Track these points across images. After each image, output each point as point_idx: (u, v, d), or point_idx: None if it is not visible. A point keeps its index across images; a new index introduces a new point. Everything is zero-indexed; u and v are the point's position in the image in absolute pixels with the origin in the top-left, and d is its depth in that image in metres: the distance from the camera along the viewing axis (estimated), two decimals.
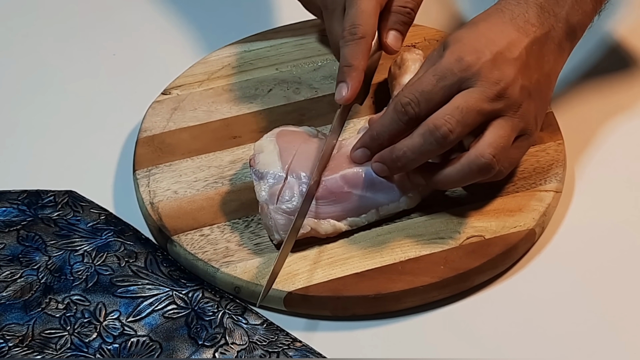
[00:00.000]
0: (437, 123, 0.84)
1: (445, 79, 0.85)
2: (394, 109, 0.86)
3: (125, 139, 0.99)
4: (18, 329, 0.84)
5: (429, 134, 0.84)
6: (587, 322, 0.85)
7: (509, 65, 0.85)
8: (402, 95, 0.86)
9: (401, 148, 0.85)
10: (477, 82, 0.85)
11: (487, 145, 0.84)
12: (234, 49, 1.05)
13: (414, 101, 0.85)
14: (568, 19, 0.89)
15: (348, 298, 0.84)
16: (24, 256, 0.89)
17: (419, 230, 0.88)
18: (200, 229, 0.89)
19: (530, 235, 0.88)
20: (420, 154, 0.85)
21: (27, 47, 1.10)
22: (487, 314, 0.85)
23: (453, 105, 0.84)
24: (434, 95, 0.85)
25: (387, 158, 0.86)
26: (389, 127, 0.86)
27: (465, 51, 0.85)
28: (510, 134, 0.85)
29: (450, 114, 0.84)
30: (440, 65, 0.85)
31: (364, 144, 0.88)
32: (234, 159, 0.94)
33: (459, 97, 0.84)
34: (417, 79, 0.86)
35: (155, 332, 0.84)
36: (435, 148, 0.84)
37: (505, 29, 0.87)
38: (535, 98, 0.87)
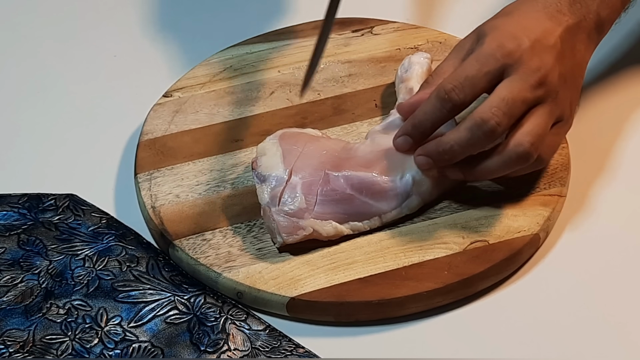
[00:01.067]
0: (485, 116, 0.83)
1: (488, 65, 0.85)
2: (437, 96, 0.85)
3: (126, 142, 0.99)
4: (19, 335, 0.83)
5: (476, 127, 0.84)
6: (591, 327, 0.84)
7: (547, 52, 0.86)
8: (445, 82, 0.85)
9: (447, 142, 0.85)
10: (519, 70, 0.85)
11: (525, 134, 0.84)
12: (236, 51, 1.04)
13: (458, 87, 0.85)
14: (598, 12, 0.90)
15: (351, 304, 0.83)
16: (24, 260, 0.88)
17: (423, 235, 0.87)
18: (202, 234, 0.88)
19: (534, 240, 0.87)
20: (467, 148, 0.85)
21: (26, 49, 1.09)
22: (492, 320, 0.85)
23: (499, 97, 0.84)
24: (477, 81, 0.85)
25: (433, 152, 0.86)
26: (431, 115, 0.86)
27: (505, 38, 0.86)
28: (547, 121, 0.86)
29: (496, 106, 0.84)
30: (482, 52, 0.86)
31: (405, 131, 0.88)
32: (236, 163, 0.94)
33: (503, 88, 0.85)
34: (460, 66, 0.86)
35: (157, 337, 0.83)
36: (483, 141, 0.84)
37: (539, 17, 0.88)
38: (570, 85, 0.88)
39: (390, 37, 1.05)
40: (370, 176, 0.87)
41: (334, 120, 0.97)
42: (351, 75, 1.02)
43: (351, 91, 1.00)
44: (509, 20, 0.88)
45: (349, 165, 0.88)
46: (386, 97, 0.99)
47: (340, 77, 1.02)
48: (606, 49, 1.06)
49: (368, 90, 1.00)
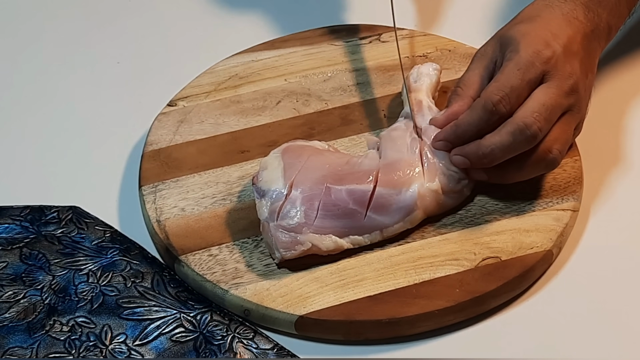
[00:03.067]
0: (527, 121, 0.84)
1: (530, 74, 0.86)
2: (483, 108, 0.86)
3: (130, 153, 0.97)
4: (22, 353, 0.82)
5: (519, 132, 0.84)
6: (606, 346, 0.83)
7: (575, 59, 0.88)
8: (491, 94, 0.86)
9: (488, 145, 0.85)
10: (555, 76, 0.86)
11: (554, 141, 0.86)
12: (241, 58, 1.03)
13: (505, 99, 0.85)
14: (608, 20, 0.92)
15: (361, 322, 0.82)
16: (27, 275, 0.87)
17: (433, 250, 0.86)
18: (208, 249, 0.86)
19: (547, 256, 0.86)
20: (508, 152, 0.85)
21: (28, 57, 1.08)
22: (504, 338, 0.83)
23: (539, 103, 0.85)
24: (521, 90, 0.86)
25: (473, 154, 0.86)
26: (477, 125, 0.87)
27: (539, 44, 0.87)
28: (572, 129, 0.88)
29: (538, 111, 0.85)
30: (521, 60, 0.86)
31: (447, 138, 0.88)
32: (242, 175, 0.92)
33: (542, 94, 0.86)
34: (502, 75, 0.86)
35: (163, 356, 0.81)
36: (524, 146, 0.85)
37: (560, 24, 0.89)
38: (588, 93, 0.90)
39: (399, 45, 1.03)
40: (373, 189, 0.85)
41: (341, 131, 0.96)
42: (359, 84, 1.00)
43: (359, 101, 0.99)
44: (535, 26, 0.88)
45: (352, 179, 0.86)
46: (395, 107, 0.97)
47: (348, 86, 1.00)
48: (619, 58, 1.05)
49: (376, 100, 0.99)
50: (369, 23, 1.06)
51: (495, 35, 0.91)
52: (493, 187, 0.90)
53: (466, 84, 0.90)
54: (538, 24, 0.88)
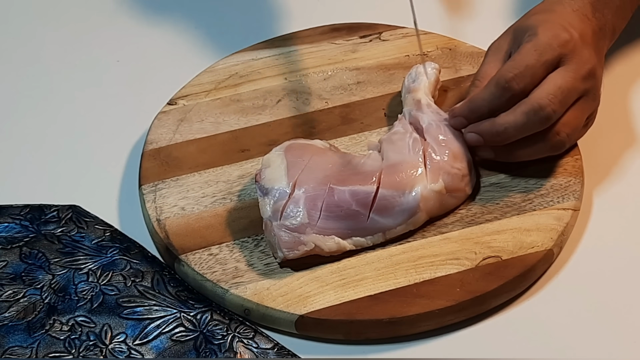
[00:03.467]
0: (542, 103, 0.85)
1: (547, 54, 0.86)
2: (496, 85, 0.87)
3: (130, 151, 0.97)
4: (21, 352, 0.82)
5: (533, 113, 0.85)
6: (606, 345, 0.83)
7: (591, 47, 0.89)
8: (505, 71, 0.86)
9: (502, 124, 0.86)
10: (573, 59, 0.87)
11: (565, 125, 0.87)
12: (241, 57, 1.03)
13: (519, 76, 0.86)
14: (613, 22, 0.93)
15: (361, 322, 0.82)
16: (26, 274, 0.86)
17: (434, 250, 0.86)
18: (208, 248, 0.86)
19: (548, 255, 0.86)
20: (521, 132, 0.86)
21: (27, 56, 1.07)
22: (504, 338, 0.83)
23: (555, 85, 0.86)
24: (537, 70, 0.86)
25: (487, 132, 0.87)
26: (489, 102, 0.87)
27: (558, 29, 0.88)
28: (585, 115, 0.89)
29: (553, 93, 0.85)
30: (539, 41, 0.87)
31: (462, 113, 0.89)
32: (242, 174, 0.92)
33: (558, 77, 0.86)
34: (518, 54, 0.87)
35: (163, 356, 0.81)
36: (537, 126, 0.86)
37: (573, 19, 0.90)
38: (600, 83, 0.90)
39: (399, 44, 1.03)
40: (376, 191, 0.85)
41: (342, 130, 0.95)
42: (359, 82, 1.00)
43: (360, 99, 0.98)
44: (551, 16, 0.90)
45: (355, 180, 0.86)
46: (395, 105, 0.97)
47: (349, 84, 1.00)
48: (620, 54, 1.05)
49: (377, 99, 0.98)
50: (370, 21, 1.06)
51: (509, 29, 0.92)
52: (494, 186, 0.90)
53: (483, 76, 0.90)
54: (553, 15, 0.90)
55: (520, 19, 0.92)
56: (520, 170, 0.91)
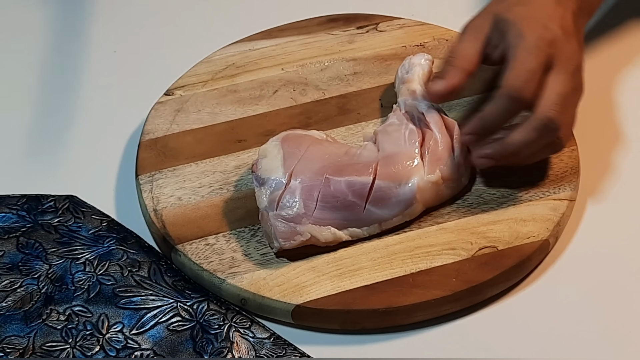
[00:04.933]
0: (550, 116, 0.84)
1: (540, 57, 0.85)
2: (508, 97, 0.85)
3: (127, 142, 0.97)
4: (18, 342, 0.82)
5: (544, 127, 0.84)
6: (600, 335, 0.83)
7: (573, 38, 0.88)
8: (513, 82, 0.85)
9: (514, 144, 0.85)
10: (560, 58, 0.86)
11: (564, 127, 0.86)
12: (238, 47, 1.03)
13: (528, 84, 0.85)
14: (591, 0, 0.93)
15: (357, 312, 0.82)
16: (23, 264, 0.86)
17: (430, 240, 0.86)
18: (205, 238, 0.86)
19: (544, 246, 0.86)
20: (532, 147, 0.86)
21: (22, 45, 1.07)
22: (500, 328, 0.83)
23: (555, 93, 0.85)
24: (537, 74, 0.85)
25: (499, 154, 0.86)
26: (503, 115, 0.86)
27: (540, 28, 0.87)
28: (576, 109, 0.88)
29: (557, 102, 0.85)
30: (529, 44, 0.86)
31: (474, 131, 0.87)
32: (239, 164, 0.92)
33: (556, 83, 0.85)
34: (515, 62, 0.85)
35: (160, 345, 0.81)
36: (547, 139, 0.85)
37: (553, 5, 0.89)
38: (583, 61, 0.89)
39: (396, 35, 1.03)
40: (372, 182, 0.85)
41: (338, 121, 0.96)
42: (356, 73, 1.00)
43: (356, 90, 0.98)
44: (530, 9, 0.88)
45: (351, 170, 0.86)
46: (392, 96, 0.97)
47: (345, 75, 1.00)
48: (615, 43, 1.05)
49: (373, 89, 0.98)
50: (366, 12, 1.06)
51: (488, 12, 0.89)
52: (490, 177, 0.90)
53: (461, 55, 0.88)
54: (533, 7, 0.88)
55: (501, 4, 0.89)
56: None
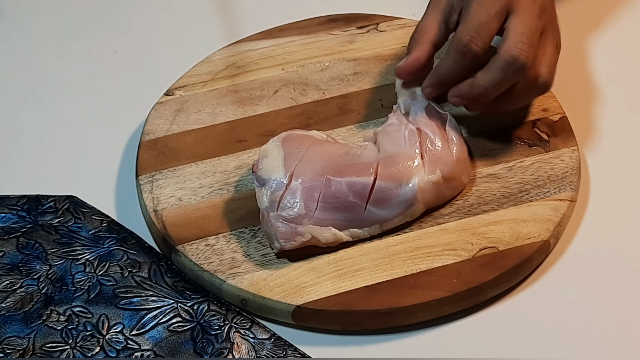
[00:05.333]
0: (514, 54, 0.85)
1: (495, 6, 0.87)
2: (455, 50, 0.87)
3: (127, 142, 0.97)
4: (18, 342, 0.82)
5: (508, 66, 0.86)
6: (603, 336, 0.83)
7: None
8: (461, 35, 0.87)
9: (481, 84, 0.87)
10: (520, 2, 0.87)
11: (545, 66, 0.87)
12: (239, 47, 1.02)
13: (476, 37, 0.86)
14: None
15: (358, 312, 0.82)
16: (23, 265, 0.86)
17: (431, 240, 0.86)
18: (205, 239, 0.86)
19: (544, 246, 0.86)
20: (502, 87, 0.87)
21: (23, 45, 1.07)
22: (501, 328, 0.83)
23: (518, 32, 0.86)
24: (490, 25, 0.87)
25: (468, 95, 0.88)
26: (454, 69, 0.88)
27: None
28: (553, 47, 0.89)
29: (520, 41, 0.86)
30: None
31: (432, 83, 0.90)
32: (239, 164, 0.92)
33: (518, 23, 0.87)
34: (468, 15, 0.87)
35: (160, 346, 0.81)
36: (516, 78, 0.87)
37: None
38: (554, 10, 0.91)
39: (396, 34, 1.03)
40: (373, 183, 0.85)
41: (339, 121, 0.95)
42: (356, 73, 1.00)
43: (357, 90, 0.98)
44: None
45: (351, 171, 0.86)
46: (392, 96, 0.97)
47: (346, 75, 1.00)
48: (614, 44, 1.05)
49: (374, 90, 0.98)
50: (367, 12, 1.06)
51: None
52: (490, 177, 0.90)
53: (423, 29, 0.91)
54: None
55: None
56: (517, 161, 0.91)
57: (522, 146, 0.93)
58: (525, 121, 0.95)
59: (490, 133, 0.94)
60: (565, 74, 1.01)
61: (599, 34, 1.07)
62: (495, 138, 0.93)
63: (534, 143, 0.93)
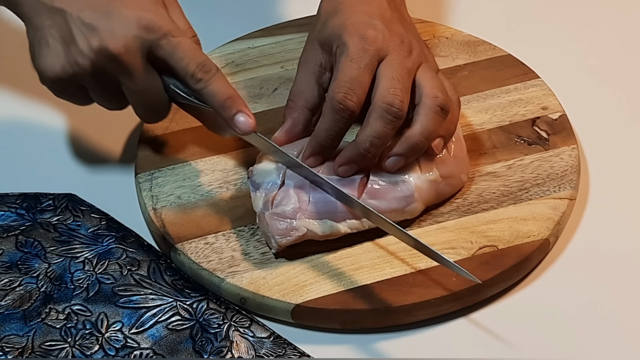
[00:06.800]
0: (388, 100, 0.84)
1: (364, 59, 0.85)
2: (332, 109, 0.85)
3: (126, 140, 0.97)
4: (17, 341, 0.82)
5: (386, 113, 0.84)
6: (602, 335, 0.83)
7: (396, 24, 0.88)
8: (334, 94, 0.85)
9: (365, 139, 0.84)
10: (388, 48, 0.86)
11: (438, 92, 0.85)
12: (238, 45, 1.02)
13: (349, 92, 0.84)
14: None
15: (357, 311, 0.82)
16: (22, 263, 0.86)
17: (430, 239, 0.86)
18: (204, 237, 0.86)
19: (544, 245, 0.86)
20: (385, 136, 0.84)
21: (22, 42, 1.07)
22: (500, 327, 0.83)
23: (389, 78, 0.85)
24: (362, 78, 0.85)
25: (355, 155, 0.85)
26: (333, 129, 0.85)
27: (361, 29, 0.86)
28: (435, 74, 0.87)
29: (392, 87, 0.84)
30: (351, 51, 0.85)
31: (314, 152, 0.87)
32: (238, 163, 0.92)
33: (385, 70, 0.85)
34: (338, 72, 0.85)
35: (159, 344, 0.81)
36: (396, 124, 0.84)
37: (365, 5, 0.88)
38: (421, 40, 0.91)
39: None
40: (367, 177, 0.86)
41: None
42: None
43: None
44: (345, 15, 0.88)
45: None
46: None
47: None
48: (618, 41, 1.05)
49: None
50: None
51: (310, 40, 0.90)
52: (490, 175, 0.90)
53: (295, 94, 0.89)
54: (346, 12, 0.88)
55: (315, 26, 0.90)
56: (516, 159, 0.91)
57: (522, 144, 0.93)
58: (525, 119, 0.95)
59: (490, 131, 0.94)
60: (564, 72, 1.02)
61: (599, 32, 1.07)
62: (494, 136, 0.93)
63: (534, 141, 0.93)
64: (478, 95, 0.97)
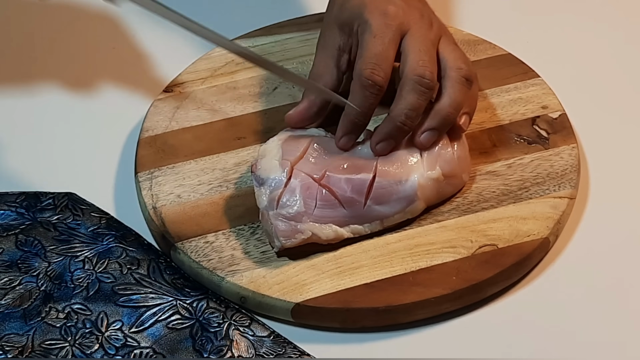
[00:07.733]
0: (419, 72, 0.85)
1: (388, 34, 0.86)
2: (360, 86, 0.86)
3: (126, 139, 0.97)
4: (17, 340, 0.82)
5: (417, 85, 0.85)
6: (603, 333, 0.83)
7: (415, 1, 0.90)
8: (361, 70, 0.85)
9: (401, 113, 0.85)
10: (410, 22, 0.87)
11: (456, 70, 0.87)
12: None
13: (376, 68, 0.85)
14: None
15: (357, 310, 0.82)
16: (22, 262, 0.86)
17: (430, 238, 0.86)
18: (204, 236, 0.86)
19: (544, 244, 0.86)
20: (419, 108, 0.85)
21: (20, 41, 1.07)
22: (500, 326, 0.83)
23: (417, 51, 0.86)
24: (387, 53, 0.86)
25: (392, 130, 0.86)
26: (364, 104, 0.86)
27: (381, 5, 0.87)
28: (455, 46, 0.89)
29: (420, 59, 0.86)
30: (374, 28, 0.86)
31: (347, 131, 0.87)
32: (238, 162, 0.92)
33: (411, 43, 0.86)
34: (363, 50, 0.86)
35: (159, 343, 0.81)
36: (428, 95, 0.86)
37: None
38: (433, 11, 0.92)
39: None
40: (372, 179, 0.85)
41: (337, 118, 0.95)
42: None
43: None
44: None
45: (351, 167, 0.86)
46: (392, 92, 0.97)
47: None
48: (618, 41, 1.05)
49: None
50: None
51: (327, 23, 0.91)
52: (490, 174, 0.90)
53: (314, 78, 0.90)
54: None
55: (334, 8, 0.90)
56: (516, 158, 0.91)
57: (522, 143, 0.93)
58: (525, 118, 0.95)
59: (490, 130, 0.94)
60: (564, 71, 1.02)
61: (599, 31, 1.07)
62: (494, 135, 0.93)
63: (534, 140, 0.93)
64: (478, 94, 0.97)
